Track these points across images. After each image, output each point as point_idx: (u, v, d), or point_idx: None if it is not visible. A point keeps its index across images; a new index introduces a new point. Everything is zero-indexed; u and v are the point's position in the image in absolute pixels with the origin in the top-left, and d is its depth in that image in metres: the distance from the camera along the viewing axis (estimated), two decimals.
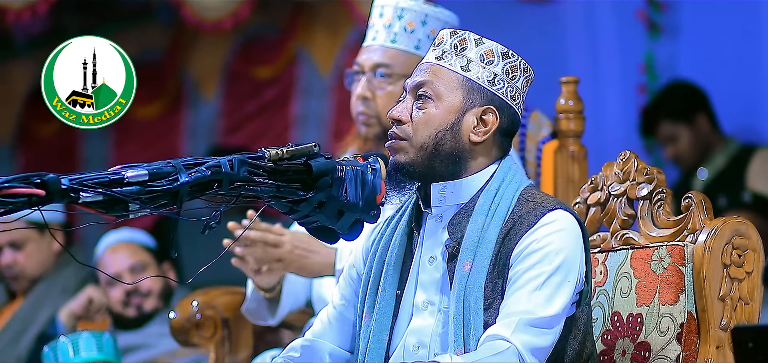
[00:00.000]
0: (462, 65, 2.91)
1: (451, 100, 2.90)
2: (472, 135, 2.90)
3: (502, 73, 2.92)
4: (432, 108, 2.89)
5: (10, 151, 8.79)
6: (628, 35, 6.49)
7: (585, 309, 2.90)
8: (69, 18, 7.83)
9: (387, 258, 2.96)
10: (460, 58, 2.92)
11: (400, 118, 2.90)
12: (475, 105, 2.90)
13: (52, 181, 2.43)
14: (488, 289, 2.82)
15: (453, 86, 2.90)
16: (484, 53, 2.92)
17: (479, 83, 2.91)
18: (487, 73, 2.91)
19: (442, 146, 2.88)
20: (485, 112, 2.91)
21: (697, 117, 6.00)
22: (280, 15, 7.85)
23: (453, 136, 2.89)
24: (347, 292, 3.05)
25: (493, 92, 2.91)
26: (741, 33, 6.22)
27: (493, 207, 2.87)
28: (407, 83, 2.95)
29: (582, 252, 2.85)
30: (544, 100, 4.24)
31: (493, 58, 2.92)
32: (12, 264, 5.59)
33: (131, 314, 5.38)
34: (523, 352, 2.74)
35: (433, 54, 2.95)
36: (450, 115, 2.89)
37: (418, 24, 3.85)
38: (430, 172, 2.90)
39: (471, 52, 2.92)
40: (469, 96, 2.90)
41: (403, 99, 2.94)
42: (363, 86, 3.84)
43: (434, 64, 2.93)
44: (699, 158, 6.01)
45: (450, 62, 2.92)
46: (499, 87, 2.92)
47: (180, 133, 8.42)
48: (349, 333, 3.04)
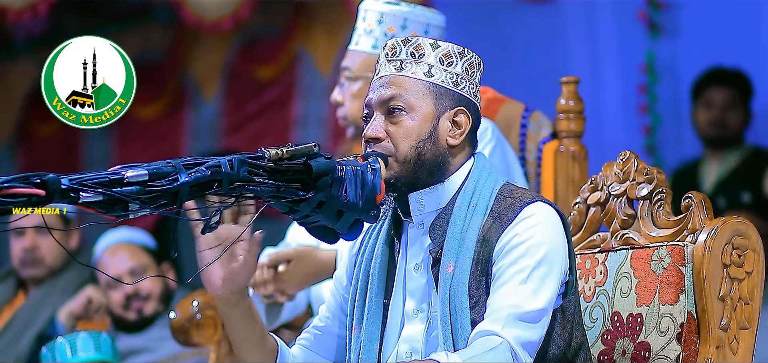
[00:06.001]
0: (424, 71, 2.90)
1: (423, 109, 2.89)
2: (449, 139, 2.90)
3: (463, 72, 2.92)
4: (407, 120, 2.88)
5: (10, 151, 8.79)
6: (628, 35, 6.50)
7: (572, 299, 2.90)
8: (69, 18, 7.84)
9: (371, 269, 2.97)
10: (420, 65, 2.91)
11: (377, 136, 2.89)
12: (446, 109, 2.90)
13: (52, 181, 2.43)
14: (473, 287, 2.82)
15: (421, 94, 2.89)
16: (443, 56, 2.91)
17: (445, 87, 2.90)
18: (450, 75, 2.91)
19: (424, 155, 2.88)
20: (457, 114, 2.91)
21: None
22: (281, 15, 7.85)
23: (433, 144, 2.89)
24: (333, 307, 3.07)
25: (459, 93, 2.92)
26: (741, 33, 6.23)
27: (472, 207, 2.87)
28: (371, 100, 2.92)
29: (564, 243, 2.85)
30: (544, 100, 4.24)
31: (452, 59, 2.92)
32: (33, 248, 5.58)
33: (132, 318, 5.38)
34: (515, 347, 2.74)
35: (391, 65, 2.92)
36: (426, 124, 2.89)
37: (374, 23, 3.88)
38: (415, 183, 2.89)
39: (430, 57, 2.91)
40: (439, 101, 2.90)
41: (372, 117, 2.92)
42: (336, 91, 3.97)
43: (396, 76, 2.91)
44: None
45: (412, 70, 2.91)
46: (463, 86, 2.92)
47: (181, 134, 8.43)
48: (333, 346, 3.05)
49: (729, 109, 6.07)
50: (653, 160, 6.34)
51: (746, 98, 6.09)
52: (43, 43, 7.72)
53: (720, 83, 6.08)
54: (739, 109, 6.08)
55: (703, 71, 6.18)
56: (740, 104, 6.08)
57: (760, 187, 5.96)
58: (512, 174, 3.91)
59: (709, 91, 6.08)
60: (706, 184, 6.06)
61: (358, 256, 3.02)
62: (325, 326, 3.06)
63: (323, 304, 3.10)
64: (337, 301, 3.06)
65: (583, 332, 2.96)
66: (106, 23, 7.91)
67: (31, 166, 8.41)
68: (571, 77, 4.01)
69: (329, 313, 3.07)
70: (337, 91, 3.98)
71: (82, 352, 4.80)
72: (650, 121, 6.51)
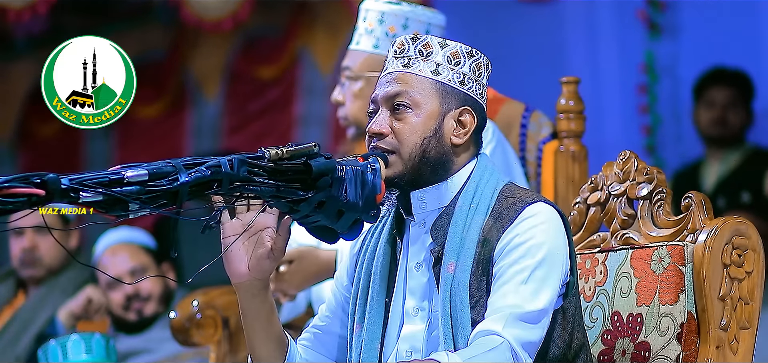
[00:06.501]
0: (432, 70, 2.91)
1: (429, 107, 2.90)
2: (453, 138, 2.91)
3: (470, 73, 2.93)
4: (412, 117, 2.89)
5: (10, 151, 8.80)
6: (628, 35, 6.50)
7: (572, 300, 2.90)
8: (69, 18, 7.84)
9: (373, 268, 2.97)
10: (428, 63, 2.91)
11: (382, 132, 2.90)
12: (452, 108, 2.91)
13: (52, 181, 2.43)
14: (473, 287, 2.82)
15: (428, 92, 2.90)
16: (451, 55, 2.92)
17: (451, 86, 2.91)
18: (457, 75, 2.92)
19: (428, 153, 2.89)
20: (462, 113, 2.91)
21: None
22: (281, 15, 7.86)
23: (437, 142, 2.89)
24: (333, 307, 3.07)
25: (465, 92, 2.92)
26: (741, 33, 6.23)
27: (473, 206, 2.87)
28: (377, 95, 2.93)
29: (565, 243, 2.86)
30: (544, 100, 4.24)
31: (460, 59, 2.93)
32: (32, 248, 5.58)
33: (132, 318, 5.38)
34: (516, 347, 2.74)
35: (399, 62, 2.93)
36: (431, 121, 2.89)
37: (375, 23, 3.88)
38: (418, 180, 2.90)
39: (438, 56, 2.92)
40: (444, 100, 2.90)
41: (377, 112, 2.93)
42: (337, 90, 3.94)
43: (403, 73, 2.92)
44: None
45: (419, 68, 2.91)
46: (470, 86, 2.93)
47: (182, 134, 8.43)
48: (334, 345, 3.05)
49: (730, 108, 6.07)
50: (653, 160, 6.35)
51: (747, 98, 6.09)
52: (43, 43, 7.72)
53: (722, 83, 6.08)
54: (741, 109, 6.09)
55: (704, 71, 6.18)
56: (741, 104, 6.09)
57: (760, 187, 5.96)
58: (513, 174, 3.91)
59: (711, 91, 6.09)
60: (707, 184, 6.06)
61: (359, 255, 3.03)
62: (325, 326, 3.06)
63: (324, 304, 3.11)
64: (338, 300, 3.06)
65: (584, 333, 2.96)
66: (106, 23, 7.91)
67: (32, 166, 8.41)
68: (571, 77, 4.01)
69: (330, 313, 3.07)
70: (337, 91, 3.97)
71: (72, 355, 4.79)
72: (650, 121, 6.51)
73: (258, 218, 2.81)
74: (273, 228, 2.82)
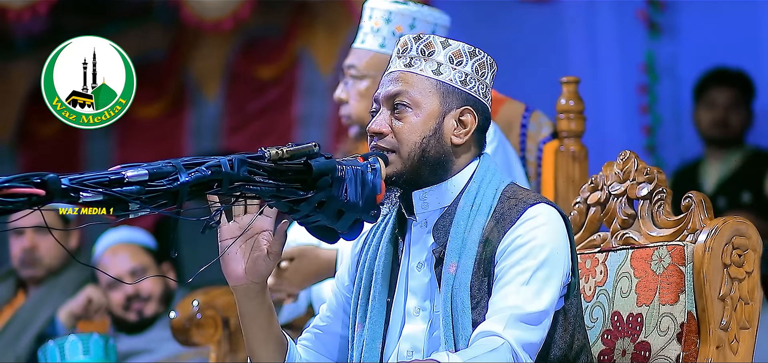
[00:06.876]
0: (433, 69, 2.91)
1: (429, 106, 2.90)
2: (453, 137, 2.90)
3: (472, 72, 2.92)
4: (412, 116, 2.89)
5: (10, 151, 8.79)
6: (628, 35, 6.50)
7: (574, 301, 2.90)
8: (69, 18, 7.83)
9: (375, 268, 2.97)
10: (429, 63, 2.91)
11: (381, 131, 2.90)
12: (453, 107, 2.90)
13: (52, 180, 2.43)
14: (474, 288, 2.82)
15: (428, 92, 2.90)
16: (453, 55, 2.92)
17: (453, 85, 2.91)
18: (459, 74, 2.91)
19: (428, 153, 2.89)
20: (463, 113, 2.91)
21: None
22: (281, 15, 7.86)
23: (437, 142, 2.89)
24: (334, 306, 3.07)
25: (467, 92, 2.92)
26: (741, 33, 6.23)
27: (475, 207, 2.87)
28: (379, 95, 2.94)
29: (567, 245, 2.85)
30: (545, 100, 4.24)
31: (462, 59, 2.92)
32: (32, 248, 5.57)
33: (132, 319, 5.38)
34: (516, 348, 2.74)
35: (401, 62, 2.94)
36: (431, 121, 2.89)
37: (382, 22, 3.88)
38: (418, 180, 2.90)
39: (440, 55, 2.92)
40: (445, 99, 2.90)
41: (378, 111, 2.93)
42: (340, 88, 3.92)
43: (405, 72, 2.92)
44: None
45: (420, 68, 2.91)
46: (472, 86, 2.92)
47: (182, 134, 8.43)
48: (335, 345, 3.05)
49: (732, 109, 6.07)
50: (653, 160, 6.34)
51: (748, 99, 6.09)
52: (43, 43, 7.72)
53: (723, 83, 6.08)
54: (741, 110, 6.08)
55: (705, 71, 6.18)
56: (742, 105, 6.09)
57: (760, 187, 5.96)
58: (514, 174, 3.91)
59: (712, 92, 6.08)
60: (707, 184, 6.06)
61: (360, 255, 3.03)
62: (326, 326, 3.06)
63: (324, 304, 3.10)
64: (339, 300, 3.06)
65: (585, 335, 2.96)
66: (106, 23, 7.91)
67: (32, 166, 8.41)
68: (571, 77, 4.02)
69: (331, 313, 3.07)
70: (340, 89, 3.96)
71: (69, 355, 4.79)
72: (650, 121, 6.51)
73: (255, 221, 2.81)
74: (269, 231, 2.82)
